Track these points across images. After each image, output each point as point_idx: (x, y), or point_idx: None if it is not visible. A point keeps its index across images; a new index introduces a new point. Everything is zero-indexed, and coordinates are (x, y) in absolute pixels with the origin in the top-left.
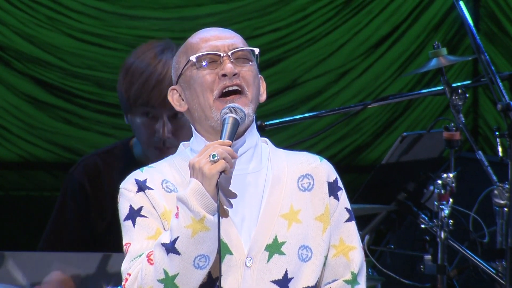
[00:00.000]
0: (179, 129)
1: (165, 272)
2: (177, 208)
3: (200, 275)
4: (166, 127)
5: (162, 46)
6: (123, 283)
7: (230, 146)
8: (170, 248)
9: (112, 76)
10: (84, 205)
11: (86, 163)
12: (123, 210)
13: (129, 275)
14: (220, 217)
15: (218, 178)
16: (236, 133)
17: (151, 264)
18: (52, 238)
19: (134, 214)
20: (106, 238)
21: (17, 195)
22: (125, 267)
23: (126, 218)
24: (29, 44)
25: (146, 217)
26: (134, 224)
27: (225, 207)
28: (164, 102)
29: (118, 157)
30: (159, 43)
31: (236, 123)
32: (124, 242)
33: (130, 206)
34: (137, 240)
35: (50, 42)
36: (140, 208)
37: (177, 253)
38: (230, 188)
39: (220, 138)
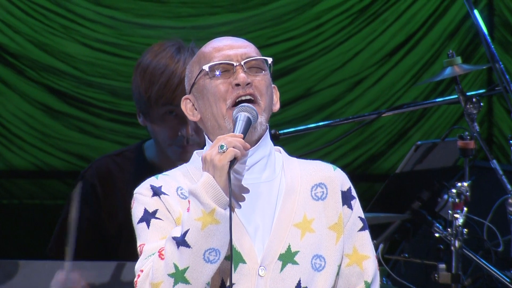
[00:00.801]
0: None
1: (175, 266)
2: (189, 202)
3: (211, 270)
4: (189, 125)
5: (176, 45)
6: (135, 279)
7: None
8: (181, 241)
9: (126, 84)
10: (95, 206)
11: (98, 165)
12: (137, 214)
13: (142, 271)
14: (232, 214)
15: (230, 168)
16: (250, 142)
17: (162, 259)
18: (61, 239)
19: (148, 216)
20: (118, 242)
21: (31, 203)
22: (138, 265)
23: (140, 221)
24: (43, 53)
25: (161, 219)
26: (148, 225)
27: (236, 208)
28: None
29: (130, 160)
30: (172, 42)
31: (248, 121)
32: (138, 244)
33: (145, 209)
34: (151, 240)
35: (64, 51)
36: (155, 211)
37: (187, 246)
38: (243, 196)
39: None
